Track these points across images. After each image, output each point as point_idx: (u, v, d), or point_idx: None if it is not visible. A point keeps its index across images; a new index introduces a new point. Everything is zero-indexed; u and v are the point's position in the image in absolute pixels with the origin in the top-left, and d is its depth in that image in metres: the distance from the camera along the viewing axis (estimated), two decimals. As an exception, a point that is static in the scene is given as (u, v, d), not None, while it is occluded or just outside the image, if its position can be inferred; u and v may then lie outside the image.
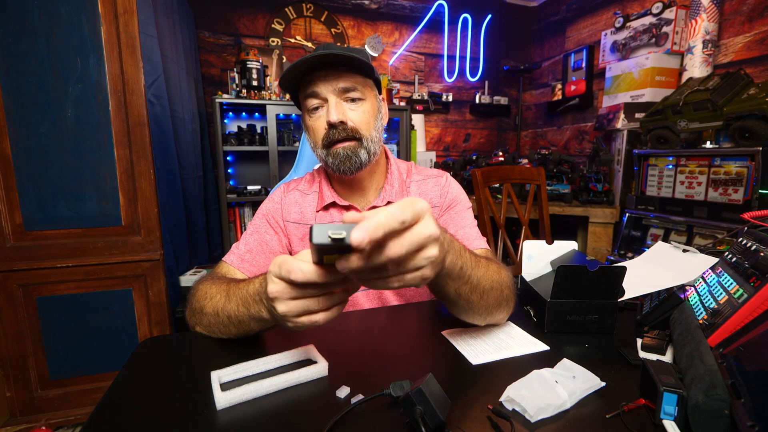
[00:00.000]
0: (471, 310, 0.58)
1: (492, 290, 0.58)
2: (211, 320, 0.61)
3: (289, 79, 0.73)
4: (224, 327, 0.60)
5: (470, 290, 0.54)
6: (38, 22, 1.30)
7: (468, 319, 0.62)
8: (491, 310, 0.60)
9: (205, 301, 0.62)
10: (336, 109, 0.72)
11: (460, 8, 2.94)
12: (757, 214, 0.70)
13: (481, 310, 0.58)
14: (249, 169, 2.58)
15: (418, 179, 0.88)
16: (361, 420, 0.44)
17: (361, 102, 0.75)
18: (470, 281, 0.53)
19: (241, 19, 2.49)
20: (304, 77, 0.74)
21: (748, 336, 0.45)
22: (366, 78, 0.76)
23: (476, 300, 0.56)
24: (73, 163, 1.39)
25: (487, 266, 0.58)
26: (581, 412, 0.45)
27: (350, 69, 0.73)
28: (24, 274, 1.39)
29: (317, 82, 0.72)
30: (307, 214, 0.84)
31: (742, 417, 0.35)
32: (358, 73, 0.74)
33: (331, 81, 0.72)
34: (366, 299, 0.84)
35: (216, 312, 0.60)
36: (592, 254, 2.10)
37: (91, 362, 1.50)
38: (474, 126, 3.21)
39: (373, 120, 0.77)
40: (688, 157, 1.61)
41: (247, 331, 0.59)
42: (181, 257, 1.77)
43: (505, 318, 0.66)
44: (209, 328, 0.63)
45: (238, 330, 0.59)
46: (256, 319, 0.55)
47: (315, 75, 0.72)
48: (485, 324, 0.65)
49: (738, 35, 1.81)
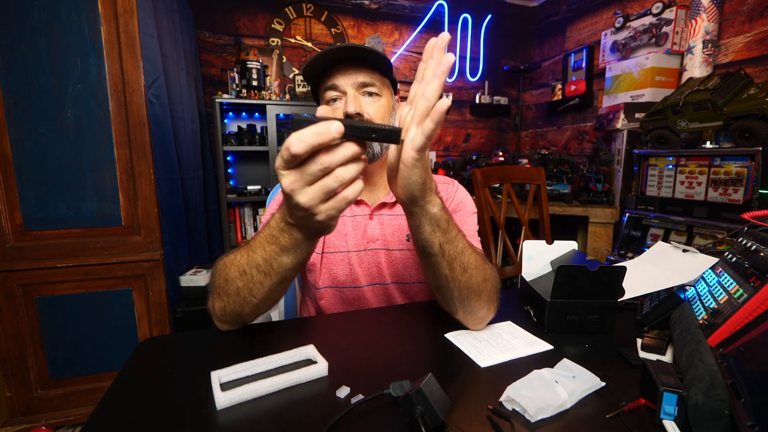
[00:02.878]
0: (450, 282, 0.57)
1: (475, 269, 0.58)
2: (240, 284, 0.57)
3: (312, 70, 0.76)
4: (256, 284, 0.56)
5: (454, 254, 0.55)
6: (38, 22, 1.30)
7: (446, 297, 0.61)
8: (471, 294, 0.59)
9: (229, 269, 0.58)
10: (354, 102, 0.75)
11: (460, 8, 2.94)
12: (757, 214, 0.70)
13: (460, 285, 0.58)
14: (249, 169, 2.58)
15: None
16: (361, 420, 0.44)
17: (378, 98, 0.78)
18: (454, 243, 0.55)
19: (241, 19, 2.49)
20: (326, 70, 0.77)
21: (748, 336, 0.45)
22: (384, 77, 0.80)
23: (459, 270, 0.56)
24: (73, 163, 1.40)
25: (474, 251, 0.59)
26: (581, 412, 0.45)
27: (370, 66, 0.76)
28: (24, 274, 1.39)
29: (337, 75, 0.75)
30: None
31: (742, 417, 0.35)
32: (377, 71, 0.77)
33: (351, 75, 0.75)
34: (373, 296, 0.84)
35: (243, 271, 0.56)
36: (592, 254, 2.10)
37: (91, 362, 1.50)
38: (474, 126, 3.21)
39: (388, 116, 0.80)
40: (688, 157, 1.61)
41: (281, 275, 0.55)
42: (181, 257, 1.77)
43: (486, 318, 0.64)
44: (239, 299, 0.58)
45: (271, 279, 0.55)
46: (288, 249, 0.51)
47: (336, 69, 0.75)
48: (463, 315, 0.63)
49: (738, 35, 1.81)
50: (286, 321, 0.79)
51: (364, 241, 0.84)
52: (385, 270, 0.84)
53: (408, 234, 0.85)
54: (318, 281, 0.83)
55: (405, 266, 0.84)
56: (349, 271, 0.83)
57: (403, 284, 0.85)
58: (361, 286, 0.83)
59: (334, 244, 0.83)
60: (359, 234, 0.84)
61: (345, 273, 0.83)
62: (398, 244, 0.84)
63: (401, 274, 0.85)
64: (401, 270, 0.84)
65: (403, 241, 0.84)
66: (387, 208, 0.86)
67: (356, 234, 0.84)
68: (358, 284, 0.83)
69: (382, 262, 0.84)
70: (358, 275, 0.83)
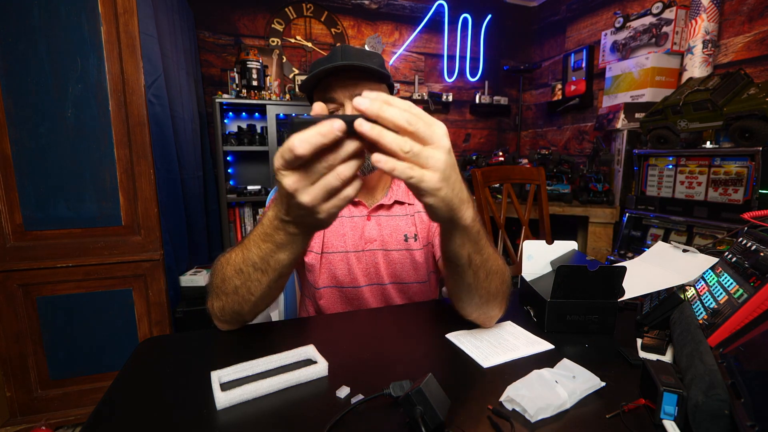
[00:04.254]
0: (474, 290, 0.58)
1: (496, 274, 0.58)
2: (237, 282, 0.57)
3: (308, 82, 0.77)
4: (254, 282, 0.56)
5: (481, 263, 0.55)
6: (38, 22, 1.30)
7: (465, 303, 0.62)
8: (490, 298, 0.60)
9: (225, 268, 0.58)
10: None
11: (460, 8, 2.94)
12: (757, 214, 0.70)
13: (482, 292, 0.58)
14: (249, 169, 2.58)
15: None
16: (361, 420, 0.44)
17: None
18: (482, 252, 0.54)
19: (241, 19, 2.49)
20: (322, 80, 0.77)
21: (748, 336, 0.45)
22: (380, 84, 0.80)
23: (483, 278, 0.57)
24: (73, 163, 1.40)
25: (495, 251, 0.59)
26: (581, 412, 0.45)
27: (368, 76, 0.77)
28: (24, 274, 1.39)
29: (335, 88, 0.76)
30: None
31: (742, 417, 0.35)
32: (374, 80, 0.78)
33: (349, 87, 0.75)
34: (371, 296, 0.85)
35: (239, 269, 0.56)
36: (592, 254, 2.10)
37: (91, 362, 1.50)
38: (474, 126, 3.21)
39: None
40: (688, 157, 1.61)
41: (278, 272, 0.55)
42: (181, 257, 1.77)
43: (497, 317, 0.65)
44: (237, 297, 0.58)
45: (268, 276, 0.55)
46: (284, 245, 0.51)
47: (333, 80, 0.76)
48: (477, 315, 0.64)
49: (738, 35, 1.81)
50: (286, 321, 0.79)
51: (361, 241, 0.84)
52: (382, 270, 0.84)
53: (405, 234, 0.85)
54: (318, 281, 0.83)
55: (402, 267, 0.85)
56: (348, 270, 0.83)
57: (400, 284, 0.85)
58: (359, 286, 0.84)
59: (333, 244, 0.84)
60: (357, 235, 0.84)
61: (344, 273, 0.83)
62: (396, 245, 0.84)
63: (399, 274, 0.85)
64: (399, 270, 0.85)
65: (401, 241, 0.85)
66: (384, 210, 0.87)
67: (354, 234, 0.84)
68: (357, 284, 0.84)
69: (380, 263, 0.84)
70: (356, 275, 0.83)
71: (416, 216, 0.87)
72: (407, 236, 0.85)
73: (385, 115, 0.37)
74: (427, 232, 0.87)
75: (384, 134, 0.37)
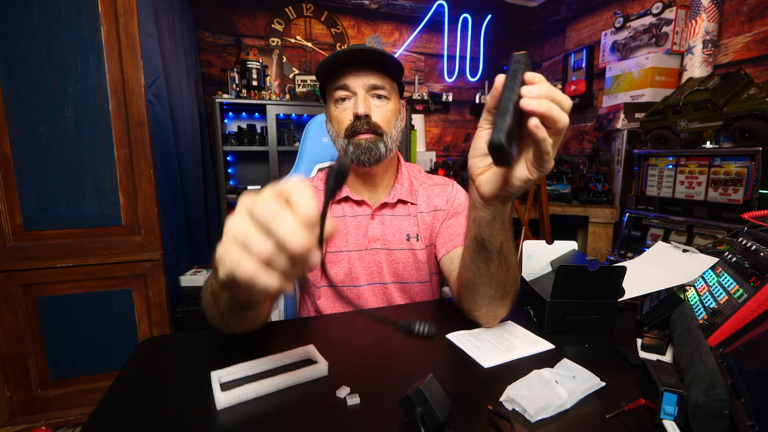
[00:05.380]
0: (494, 280, 0.59)
1: (514, 270, 0.60)
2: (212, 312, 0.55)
3: (324, 69, 0.78)
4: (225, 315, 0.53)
5: (508, 251, 0.57)
6: (38, 22, 1.30)
7: (480, 296, 0.62)
8: (504, 293, 0.61)
9: (205, 291, 0.56)
10: (364, 103, 0.77)
11: (460, 8, 2.94)
12: (757, 214, 0.70)
13: (500, 284, 0.59)
14: (249, 169, 2.58)
15: (426, 183, 0.91)
16: (361, 420, 0.44)
17: (386, 101, 0.80)
18: (509, 241, 0.56)
19: (241, 19, 2.49)
20: (337, 70, 0.78)
21: (748, 336, 0.45)
22: (393, 81, 0.82)
23: (504, 269, 0.58)
24: (73, 163, 1.39)
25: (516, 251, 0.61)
26: (581, 412, 0.45)
27: (382, 69, 0.78)
28: (24, 274, 1.39)
29: (348, 77, 0.77)
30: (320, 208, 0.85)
31: (742, 417, 0.35)
32: (388, 75, 0.80)
33: (363, 77, 0.77)
34: (372, 296, 0.85)
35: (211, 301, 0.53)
36: (592, 254, 2.10)
37: (91, 362, 1.50)
38: (474, 126, 3.21)
39: (394, 119, 0.82)
40: (688, 157, 1.61)
41: (248, 309, 0.52)
42: (181, 257, 1.77)
43: (502, 316, 0.65)
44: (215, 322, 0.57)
45: (239, 313, 0.52)
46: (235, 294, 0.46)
47: (347, 70, 0.77)
48: (485, 311, 0.64)
49: (738, 35, 1.81)
50: (286, 321, 0.79)
51: (365, 240, 0.84)
52: (385, 270, 0.84)
53: (408, 234, 0.85)
54: (317, 280, 0.83)
55: (405, 266, 0.85)
56: (349, 270, 0.83)
57: (402, 284, 0.85)
58: (360, 286, 0.84)
59: (335, 243, 0.83)
60: (360, 234, 0.84)
61: (344, 272, 0.83)
62: (399, 244, 0.84)
63: (401, 274, 0.85)
64: (401, 270, 0.85)
65: (404, 241, 0.85)
66: (388, 209, 0.86)
67: (357, 234, 0.84)
68: (357, 283, 0.84)
69: (383, 262, 0.84)
70: (357, 274, 0.83)
71: (419, 216, 0.87)
72: (410, 236, 0.85)
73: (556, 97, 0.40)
74: (430, 232, 0.87)
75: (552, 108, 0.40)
